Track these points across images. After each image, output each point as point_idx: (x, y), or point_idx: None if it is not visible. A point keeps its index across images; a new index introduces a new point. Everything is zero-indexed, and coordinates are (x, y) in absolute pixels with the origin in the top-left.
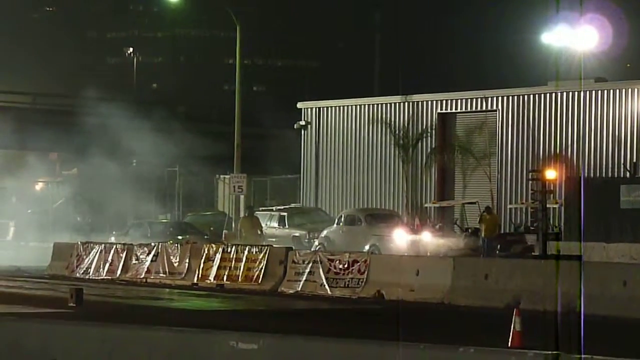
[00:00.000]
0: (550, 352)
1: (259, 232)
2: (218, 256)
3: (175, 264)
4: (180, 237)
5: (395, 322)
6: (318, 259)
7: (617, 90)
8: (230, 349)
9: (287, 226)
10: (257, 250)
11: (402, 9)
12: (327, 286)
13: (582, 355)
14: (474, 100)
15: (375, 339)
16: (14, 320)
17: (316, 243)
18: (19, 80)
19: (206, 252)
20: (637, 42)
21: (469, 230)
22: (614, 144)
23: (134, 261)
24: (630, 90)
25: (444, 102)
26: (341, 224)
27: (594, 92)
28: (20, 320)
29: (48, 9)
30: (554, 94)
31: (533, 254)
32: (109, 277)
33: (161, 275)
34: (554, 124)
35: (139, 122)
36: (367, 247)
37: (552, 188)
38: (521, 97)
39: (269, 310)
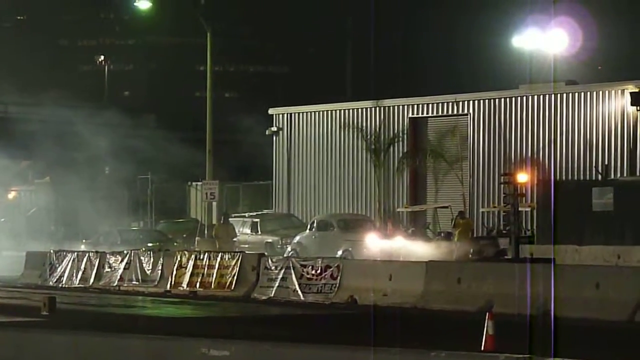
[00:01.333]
0: (522, 355)
1: (234, 239)
2: (191, 263)
3: (148, 272)
4: (150, 245)
5: (368, 327)
6: (291, 265)
7: (588, 93)
8: (202, 356)
9: (259, 232)
10: (229, 256)
11: (372, 14)
12: (300, 292)
13: (554, 359)
14: (445, 104)
15: (348, 344)
16: None
17: (289, 249)
18: None
19: (179, 259)
20: (607, 44)
21: (442, 234)
22: (585, 147)
23: (106, 269)
24: (601, 92)
25: (415, 106)
26: (314, 229)
27: (565, 95)
28: None
29: (19, 17)
30: (525, 98)
31: (506, 257)
32: (82, 285)
33: (134, 282)
34: (526, 127)
35: (111, 130)
36: (339, 253)
37: (524, 191)
38: (492, 100)
39: (242, 316)
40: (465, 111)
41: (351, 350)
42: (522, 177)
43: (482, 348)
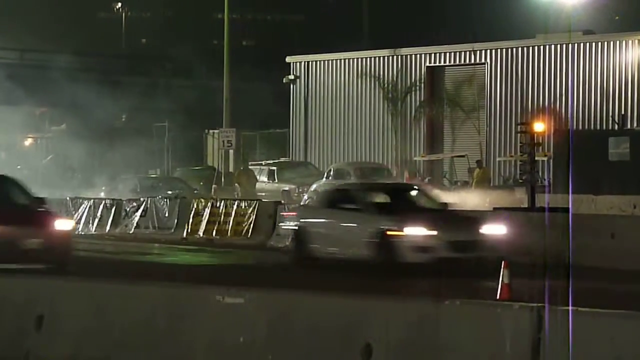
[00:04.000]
0: (536, 305)
1: (255, 186)
2: (207, 211)
3: (165, 219)
4: (169, 192)
5: (383, 275)
6: None
7: (605, 43)
8: (216, 303)
9: (276, 180)
10: (246, 204)
11: None
12: None
13: (569, 307)
14: (463, 53)
15: (361, 292)
16: (0, 276)
17: (305, 197)
18: (6, 36)
19: (195, 206)
20: None
21: (458, 183)
22: (602, 96)
23: (123, 216)
24: (618, 42)
25: (433, 55)
26: (330, 177)
27: (582, 44)
28: (6, 275)
29: None
30: (542, 47)
31: (522, 206)
32: (98, 233)
33: (150, 230)
34: (543, 77)
35: (128, 77)
36: None
37: (540, 140)
38: (510, 50)
39: (258, 264)
40: (483, 60)
41: (363, 298)
42: (539, 126)
43: (498, 297)
